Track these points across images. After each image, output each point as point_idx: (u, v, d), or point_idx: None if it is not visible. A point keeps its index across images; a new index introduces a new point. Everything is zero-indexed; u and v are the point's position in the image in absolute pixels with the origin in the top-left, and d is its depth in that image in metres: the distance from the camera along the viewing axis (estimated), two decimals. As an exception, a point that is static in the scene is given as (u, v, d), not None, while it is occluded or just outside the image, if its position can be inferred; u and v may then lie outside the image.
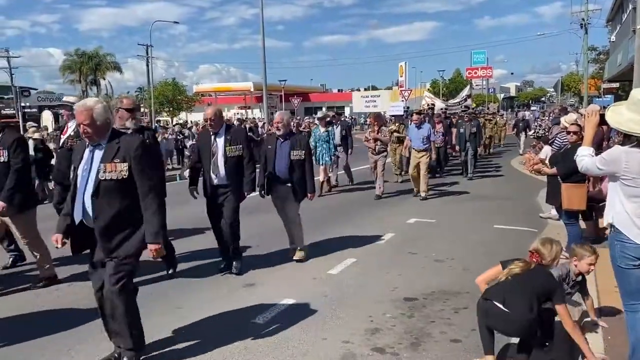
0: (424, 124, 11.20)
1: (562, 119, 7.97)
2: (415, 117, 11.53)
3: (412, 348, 4.01)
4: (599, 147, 7.52)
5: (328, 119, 12.85)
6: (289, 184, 6.29)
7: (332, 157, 11.63)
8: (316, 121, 13.02)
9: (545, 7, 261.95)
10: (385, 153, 11.01)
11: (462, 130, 14.20)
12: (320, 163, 11.29)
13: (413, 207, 9.97)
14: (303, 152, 6.29)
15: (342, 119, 15.39)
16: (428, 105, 19.46)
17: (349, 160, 12.86)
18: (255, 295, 5.23)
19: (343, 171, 12.99)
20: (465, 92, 24.22)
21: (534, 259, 3.73)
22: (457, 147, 14.57)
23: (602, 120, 3.40)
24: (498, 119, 25.61)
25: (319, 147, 11.41)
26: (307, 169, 6.34)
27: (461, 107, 21.32)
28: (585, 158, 3.37)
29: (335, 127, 12.43)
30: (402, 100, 29.14)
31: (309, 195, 6.44)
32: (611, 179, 3.27)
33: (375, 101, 19.28)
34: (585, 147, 3.44)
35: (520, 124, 22.89)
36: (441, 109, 18.70)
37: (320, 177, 10.95)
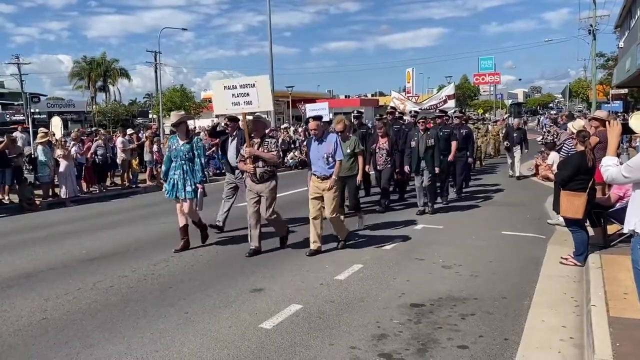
0: (327, 134, 7.09)
1: (570, 125, 7.97)
2: (312, 123, 7.04)
3: (419, 354, 4.00)
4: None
5: (220, 126, 9.04)
6: None
7: (198, 186, 7.11)
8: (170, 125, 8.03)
9: (553, 14, 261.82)
10: (274, 181, 6.93)
11: (413, 143, 9.74)
12: (179, 196, 7.11)
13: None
14: None
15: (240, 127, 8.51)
16: (394, 108, 14.55)
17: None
18: (263, 300, 5.24)
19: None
20: (445, 91, 18.22)
21: None
22: (406, 168, 10.10)
23: (625, 129, 3.41)
24: (490, 126, 22.22)
25: (175, 171, 7.10)
26: None
27: (436, 111, 15.04)
28: (610, 168, 3.37)
29: (231, 139, 8.42)
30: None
31: None
32: (635, 186, 3.26)
33: (247, 95, 6.99)
34: (609, 157, 3.43)
35: (515, 135, 15.50)
36: (411, 112, 13.89)
37: (179, 219, 7.28)
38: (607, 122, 3.75)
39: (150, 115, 51.08)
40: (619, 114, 28.71)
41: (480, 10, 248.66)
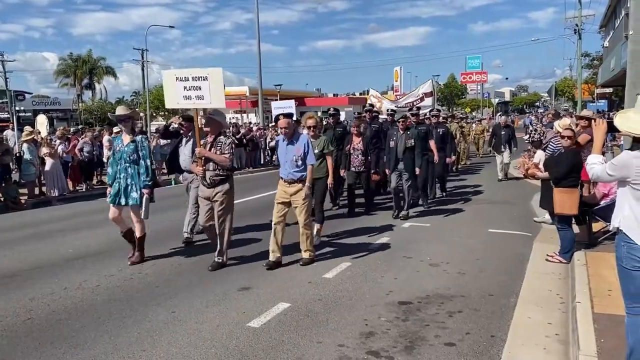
0: (298, 135, 6.50)
1: (556, 124, 8.04)
2: (282, 121, 6.44)
3: (407, 351, 4.02)
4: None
5: (173, 125, 8.07)
6: None
7: (143, 192, 6.38)
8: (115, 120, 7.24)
9: (539, 13, 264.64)
10: (227, 185, 6.22)
11: (392, 143, 9.14)
12: (122, 203, 6.41)
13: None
14: None
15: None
16: (372, 105, 14.05)
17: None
18: (251, 298, 5.23)
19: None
20: (422, 88, 16.13)
21: None
22: (387, 172, 9.44)
23: (610, 127, 3.46)
24: (475, 124, 21.92)
25: (120, 174, 6.41)
26: None
27: (414, 109, 11.93)
28: (595, 166, 3.41)
29: (185, 140, 7.57)
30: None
31: None
32: (620, 184, 3.31)
33: (199, 89, 6.22)
34: (594, 155, 3.48)
35: (503, 133, 14.54)
36: (388, 110, 12.88)
37: (120, 225, 6.62)
38: (592, 121, 3.81)
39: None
40: (605, 113, 29.06)
41: (468, 9, 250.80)
